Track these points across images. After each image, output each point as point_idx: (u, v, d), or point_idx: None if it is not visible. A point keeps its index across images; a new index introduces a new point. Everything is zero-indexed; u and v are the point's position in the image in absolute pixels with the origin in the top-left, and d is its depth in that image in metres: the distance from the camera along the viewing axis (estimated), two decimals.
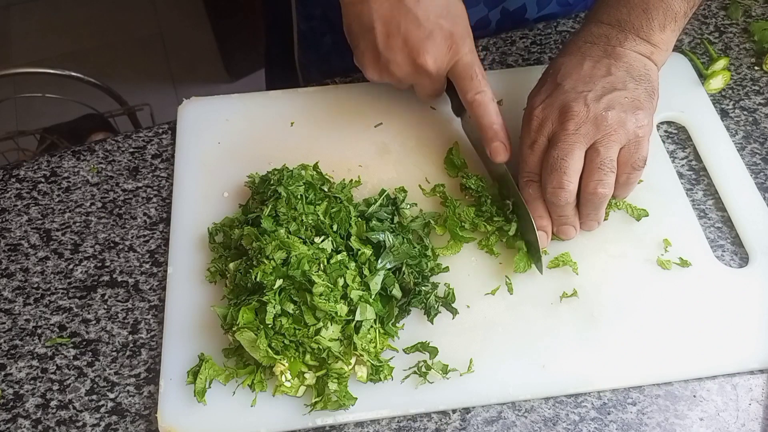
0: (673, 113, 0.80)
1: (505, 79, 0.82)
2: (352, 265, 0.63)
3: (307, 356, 0.60)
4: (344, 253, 0.63)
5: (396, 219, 0.69)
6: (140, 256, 0.71)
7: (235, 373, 0.61)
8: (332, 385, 0.59)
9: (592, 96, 0.65)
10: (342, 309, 0.60)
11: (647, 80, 0.67)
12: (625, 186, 0.66)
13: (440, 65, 0.69)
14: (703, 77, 0.84)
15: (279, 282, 0.60)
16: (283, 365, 0.59)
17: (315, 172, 0.71)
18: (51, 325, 0.67)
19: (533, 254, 0.67)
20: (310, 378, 0.60)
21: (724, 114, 0.82)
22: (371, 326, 0.61)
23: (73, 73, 1.48)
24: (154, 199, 0.75)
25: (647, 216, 0.71)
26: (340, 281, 0.61)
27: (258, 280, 0.60)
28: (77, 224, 0.73)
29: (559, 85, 0.67)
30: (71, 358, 0.65)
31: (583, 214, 0.67)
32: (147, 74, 2.32)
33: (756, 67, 0.87)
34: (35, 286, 0.69)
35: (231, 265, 0.65)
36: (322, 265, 0.62)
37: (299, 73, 1.07)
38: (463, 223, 0.69)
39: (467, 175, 0.72)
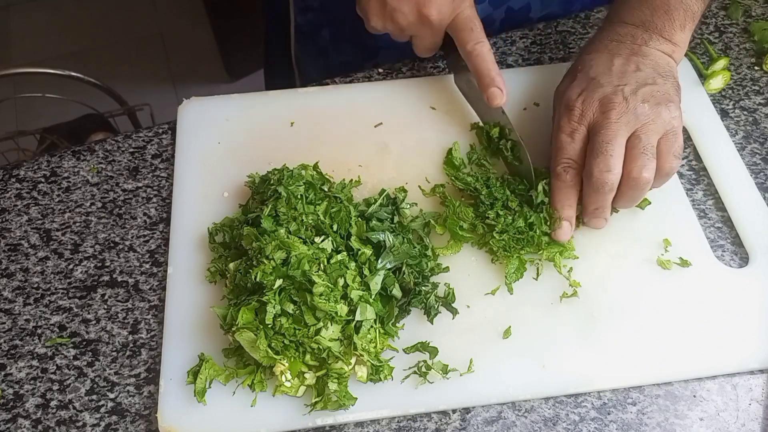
0: None
1: (505, 79, 0.82)
2: (352, 265, 0.63)
3: (307, 356, 0.59)
4: (344, 253, 0.63)
5: (396, 219, 0.69)
6: (140, 256, 0.71)
7: (235, 373, 0.61)
8: (332, 385, 0.59)
9: (628, 90, 0.67)
10: (342, 309, 0.60)
11: (672, 76, 0.70)
12: (667, 176, 0.68)
13: (443, 17, 0.73)
14: (703, 77, 0.84)
15: (279, 282, 0.60)
16: (283, 365, 0.59)
17: (315, 172, 0.71)
18: (51, 325, 0.67)
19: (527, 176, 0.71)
20: (310, 378, 0.60)
21: (724, 114, 0.82)
22: (371, 326, 0.61)
23: (73, 73, 1.48)
24: (154, 199, 0.75)
25: (650, 204, 0.71)
26: (340, 281, 0.61)
27: (258, 280, 0.60)
28: (77, 224, 0.73)
29: (593, 79, 0.69)
30: (71, 358, 0.65)
31: (622, 201, 0.68)
32: (147, 74, 2.32)
33: (756, 67, 0.87)
34: (35, 286, 0.69)
35: (231, 265, 0.65)
36: (322, 265, 0.62)
37: (295, 68, 1.07)
38: (462, 223, 0.69)
39: (457, 177, 0.72)
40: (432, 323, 0.64)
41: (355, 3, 0.76)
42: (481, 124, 0.77)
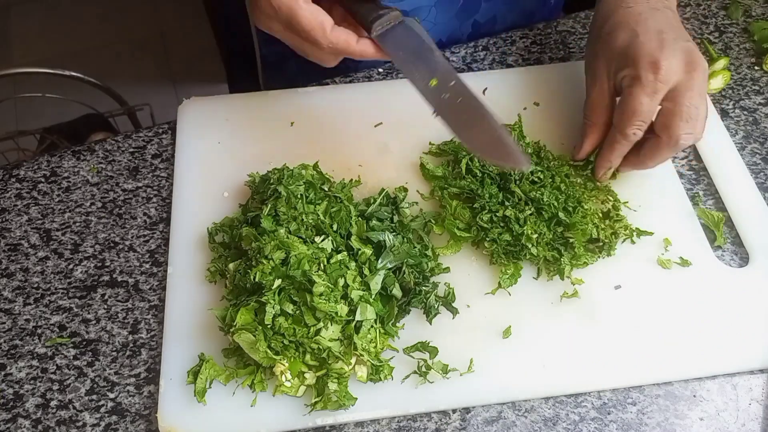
0: None
1: (505, 79, 0.82)
2: (353, 264, 0.63)
3: (307, 356, 0.59)
4: (344, 252, 0.63)
5: (396, 218, 0.69)
6: (140, 256, 0.71)
7: (235, 373, 0.61)
8: (332, 385, 0.59)
9: (694, 47, 0.67)
10: (342, 309, 0.60)
11: None
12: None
13: (280, 21, 0.64)
14: None
15: (278, 282, 0.60)
16: (283, 365, 0.59)
17: (315, 172, 0.71)
18: (51, 325, 0.67)
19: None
20: (310, 378, 0.60)
21: (724, 114, 0.82)
22: (371, 326, 0.61)
23: (73, 73, 1.48)
24: (154, 199, 0.75)
25: (651, 235, 0.71)
26: (341, 281, 0.61)
27: (256, 280, 0.59)
28: (77, 224, 0.73)
29: (661, 33, 0.66)
30: (71, 358, 0.65)
31: (655, 162, 0.69)
32: (147, 74, 2.32)
33: (756, 67, 0.87)
34: (35, 286, 0.69)
35: (231, 266, 0.65)
36: (322, 264, 0.62)
37: None
38: (459, 224, 0.69)
39: (450, 184, 0.71)
40: (431, 323, 0.64)
41: None
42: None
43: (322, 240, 0.63)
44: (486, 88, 0.81)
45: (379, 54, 0.65)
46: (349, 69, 0.87)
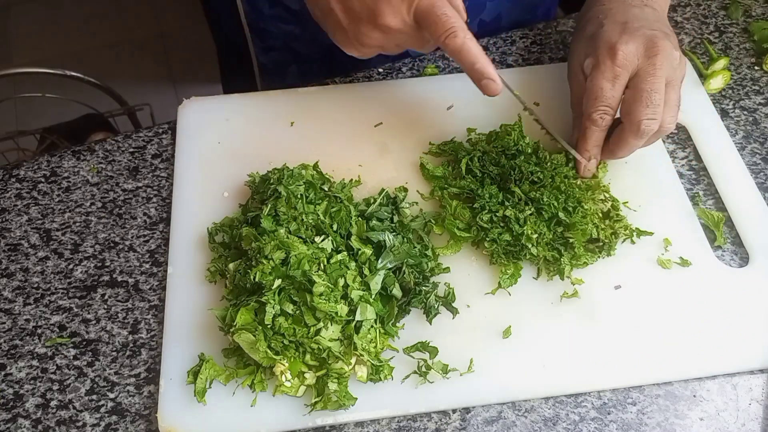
0: None
1: (505, 79, 0.82)
2: (353, 264, 0.63)
3: (307, 356, 0.59)
4: (344, 252, 0.63)
5: (396, 218, 0.69)
6: (140, 256, 0.71)
7: (235, 373, 0.61)
8: (332, 385, 0.59)
9: (661, 34, 0.68)
10: (342, 309, 0.60)
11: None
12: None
13: (403, 18, 0.65)
14: (703, 77, 0.84)
15: (278, 282, 0.60)
16: (283, 365, 0.59)
17: (315, 172, 0.71)
18: (51, 325, 0.67)
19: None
20: (310, 378, 0.60)
21: (724, 114, 0.82)
22: (371, 326, 0.61)
23: (73, 73, 1.48)
24: (154, 199, 0.75)
25: (651, 235, 0.71)
26: (341, 281, 0.61)
27: (256, 280, 0.59)
28: (77, 224, 0.73)
29: (626, 23, 0.69)
30: (71, 358, 0.65)
31: (631, 148, 0.70)
32: (147, 74, 2.32)
33: (756, 67, 0.87)
34: (35, 286, 0.69)
35: (231, 266, 0.65)
36: (322, 264, 0.62)
37: None
38: (459, 223, 0.69)
39: (450, 185, 0.72)
40: (431, 323, 0.64)
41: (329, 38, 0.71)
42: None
43: (322, 240, 0.63)
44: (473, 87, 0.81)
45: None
46: (349, 69, 0.87)
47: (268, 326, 0.58)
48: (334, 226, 0.65)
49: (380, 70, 0.86)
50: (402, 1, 0.64)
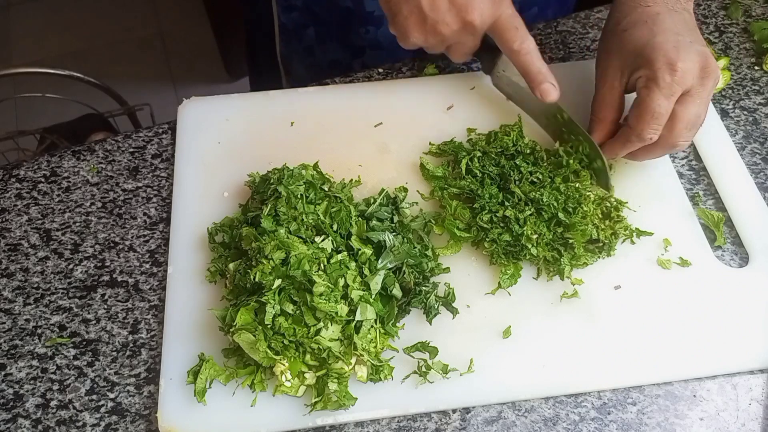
0: None
1: None
2: (353, 264, 0.63)
3: (307, 356, 0.59)
4: (344, 252, 0.63)
5: (396, 218, 0.69)
6: (140, 256, 0.71)
7: (235, 373, 0.61)
8: (332, 385, 0.59)
9: (709, 52, 0.67)
10: (342, 309, 0.60)
11: None
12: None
13: (485, 20, 0.71)
14: None
15: (278, 282, 0.60)
16: (283, 365, 0.59)
17: (315, 172, 0.71)
18: (51, 325, 0.67)
19: (602, 179, 0.71)
20: (310, 378, 0.60)
21: (724, 114, 0.82)
22: (371, 326, 0.61)
23: (73, 73, 1.48)
24: (154, 199, 0.75)
25: (651, 236, 0.71)
26: (341, 281, 0.61)
27: (256, 280, 0.59)
28: (77, 224, 0.73)
29: (678, 36, 0.67)
30: (71, 358, 0.65)
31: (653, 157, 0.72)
32: (147, 74, 2.32)
33: (756, 67, 0.87)
34: (35, 286, 0.69)
35: (231, 266, 0.65)
36: (322, 264, 0.62)
37: (281, 67, 1.07)
38: (459, 224, 0.69)
39: (450, 185, 0.72)
40: (431, 323, 0.64)
41: (387, 21, 0.74)
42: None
43: (322, 240, 0.63)
44: (473, 87, 0.81)
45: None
46: (337, 67, 0.87)
47: (268, 326, 0.58)
48: (334, 226, 0.65)
49: (380, 70, 0.86)
50: (492, 3, 0.70)
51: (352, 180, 0.73)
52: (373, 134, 0.78)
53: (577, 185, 0.70)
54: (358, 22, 0.91)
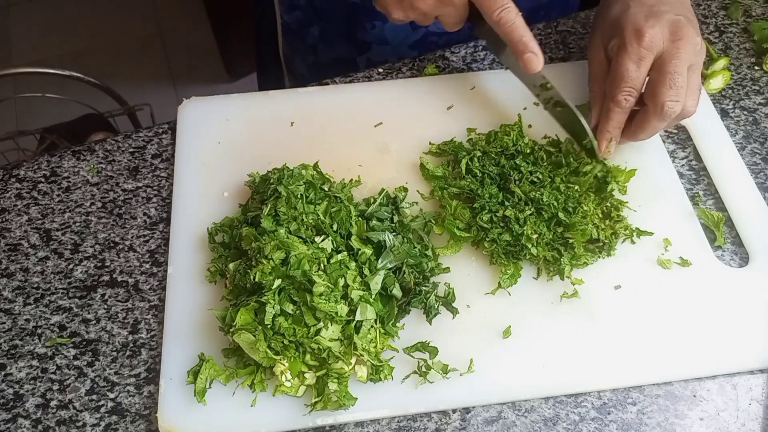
0: None
1: (505, 79, 0.82)
2: (353, 264, 0.63)
3: (307, 356, 0.59)
4: (344, 252, 0.63)
5: (396, 218, 0.69)
6: (140, 256, 0.71)
7: (235, 373, 0.61)
8: (332, 385, 0.59)
9: (684, 20, 0.69)
10: (342, 309, 0.60)
11: None
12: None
13: None
14: (703, 77, 0.84)
15: (278, 282, 0.60)
16: (283, 365, 0.59)
17: (315, 172, 0.71)
18: (51, 325, 0.67)
19: (582, 139, 0.72)
20: (310, 378, 0.60)
21: (724, 114, 0.82)
22: (371, 326, 0.61)
23: (73, 73, 1.48)
24: (154, 199, 0.75)
25: (651, 235, 0.71)
26: (341, 281, 0.61)
27: (256, 280, 0.59)
28: (77, 224, 0.73)
29: (653, 6, 0.70)
30: (71, 358, 0.65)
31: (654, 130, 0.71)
32: (147, 74, 2.33)
33: (756, 67, 0.87)
34: (35, 286, 0.69)
35: (231, 266, 0.65)
36: (322, 264, 0.62)
37: (283, 66, 1.07)
38: (459, 223, 0.69)
39: (450, 185, 0.72)
40: (431, 323, 0.64)
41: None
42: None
43: (322, 240, 0.63)
44: (473, 87, 0.81)
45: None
46: (341, 64, 0.87)
47: (268, 326, 0.58)
48: (334, 226, 0.65)
49: (380, 70, 0.86)
50: None
51: (352, 180, 0.73)
52: (373, 134, 0.78)
53: (576, 187, 0.70)
54: (365, 16, 0.91)
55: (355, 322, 0.60)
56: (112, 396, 0.63)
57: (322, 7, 0.95)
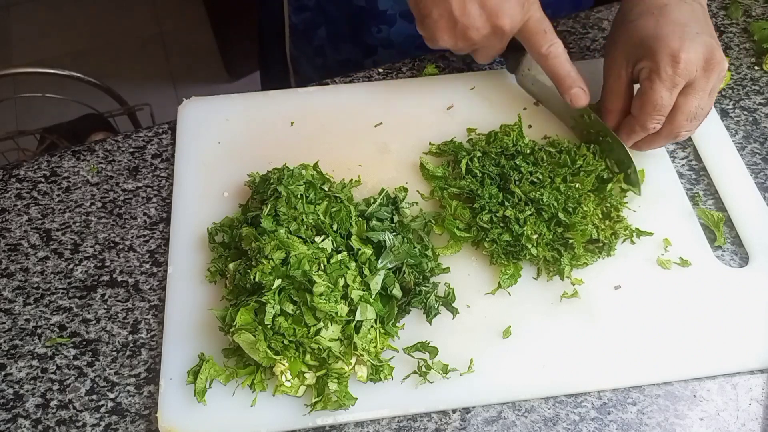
0: None
1: (505, 79, 0.82)
2: (353, 264, 0.63)
3: (307, 356, 0.59)
4: (344, 252, 0.63)
5: (396, 218, 0.69)
6: (140, 256, 0.71)
7: (235, 373, 0.61)
8: (332, 385, 0.59)
9: (716, 44, 0.67)
10: (342, 309, 0.60)
11: None
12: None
13: (515, 25, 0.71)
14: None
15: (278, 282, 0.60)
16: (283, 365, 0.59)
17: (315, 172, 0.71)
18: (51, 325, 0.67)
19: (632, 178, 0.72)
20: (310, 378, 0.60)
21: (724, 114, 0.82)
22: (371, 326, 0.61)
23: (73, 73, 1.48)
24: (154, 199, 0.75)
25: (651, 236, 0.71)
26: (341, 281, 0.61)
27: (256, 280, 0.59)
28: (77, 224, 0.73)
29: (684, 26, 0.67)
30: (71, 358, 0.65)
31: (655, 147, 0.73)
32: (147, 74, 2.33)
33: (756, 67, 0.87)
34: (35, 286, 0.69)
35: (231, 266, 0.65)
36: (322, 264, 0.62)
37: (290, 66, 1.07)
38: (459, 224, 0.69)
39: (450, 185, 0.72)
40: (431, 323, 0.64)
41: (416, 21, 0.73)
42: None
43: (322, 240, 0.63)
44: (473, 87, 0.81)
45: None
46: (348, 66, 0.87)
47: (268, 326, 0.58)
48: (334, 226, 0.65)
49: (380, 70, 0.86)
50: (521, 7, 0.70)
51: (352, 180, 0.73)
52: (373, 134, 0.78)
53: (577, 185, 0.70)
54: (371, 21, 0.91)
55: (355, 322, 0.60)
56: (112, 396, 0.63)
57: (329, 10, 0.95)
